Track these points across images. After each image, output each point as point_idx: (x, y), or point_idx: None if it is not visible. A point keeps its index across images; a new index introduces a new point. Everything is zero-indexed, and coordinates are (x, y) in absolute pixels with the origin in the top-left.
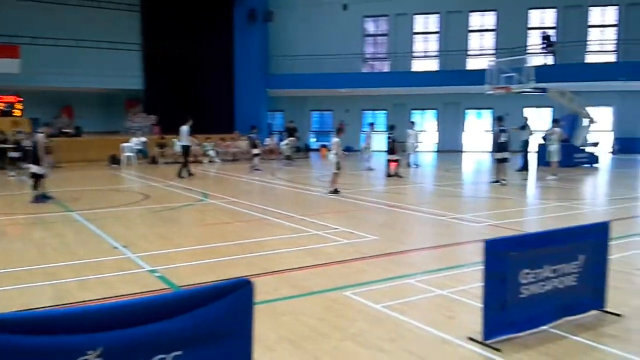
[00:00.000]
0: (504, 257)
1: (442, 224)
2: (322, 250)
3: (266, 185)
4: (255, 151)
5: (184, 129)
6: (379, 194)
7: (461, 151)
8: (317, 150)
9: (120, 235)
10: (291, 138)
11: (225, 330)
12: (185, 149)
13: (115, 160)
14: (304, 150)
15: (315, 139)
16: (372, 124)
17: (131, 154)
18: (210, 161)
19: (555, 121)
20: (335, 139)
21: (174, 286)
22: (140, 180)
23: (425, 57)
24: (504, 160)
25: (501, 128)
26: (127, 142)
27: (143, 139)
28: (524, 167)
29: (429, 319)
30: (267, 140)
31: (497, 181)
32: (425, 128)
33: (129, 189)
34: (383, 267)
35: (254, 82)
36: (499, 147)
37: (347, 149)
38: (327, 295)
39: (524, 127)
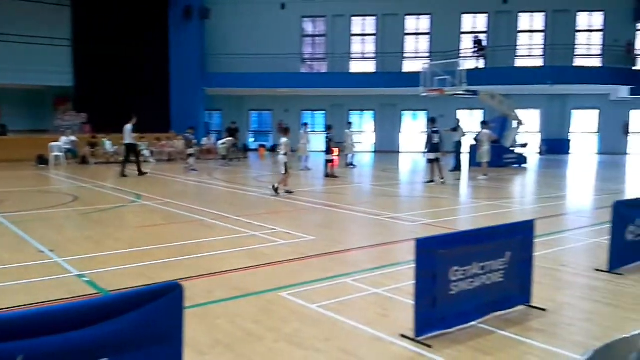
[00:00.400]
0: (434, 255)
1: (378, 223)
2: (259, 251)
3: (202, 186)
4: (190, 151)
5: (128, 127)
6: (317, 194)
7: (398, 152)
8: (255, 150)
9: (46, 239)
10: (229, 138)
11: (154, 336)
12: (130, 148)
13: (42, 160)
14: (242, 150)
15: (253, 139)
16: (306, 124)
17: (60, 154)
18: (144, 161)
19: (484, 123)
20: (284, 139)
21: (103, 291)
22: (69, 181)
23: (362, 59)
24: (437, 160)
25: (434, 129)
26: (56, 141)
27: (73, 138)
28: (457, 168)
29: (363, 318)
30: (205, 140)
31: (431, 181)
32: (363, 129)
33: (58, 190)
34: (320, 267)
35: (191, 80)
36: (431, 147)
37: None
38: (263, 297)
39: (456, 128)
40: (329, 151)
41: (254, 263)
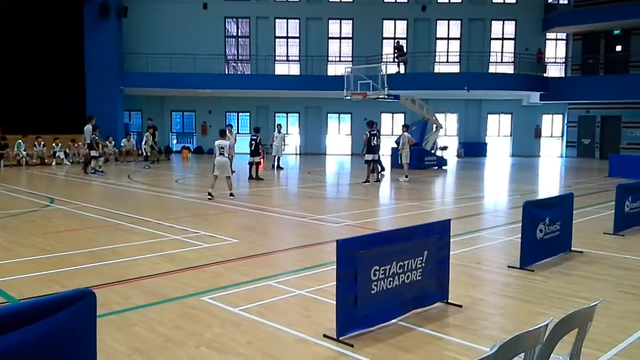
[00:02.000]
0: (355, 256)
1: (303, 225)
2: (180, 255)
3: (122, 189)
4: (93, 153)
5: (88, 127)
6: (242, 196)
7: (324, 154)
8: (178, 152)
9: None
10: (146, 133)
11: (65, 346)
12: (91, 147)
13: None
14: (163, 152)
15: (176, 141)
16: (230, 126)
17: None
18: (58, 163)
19: (405, 127)
20: (224, 142)
21: (13, 299)
22: None
23: (287, 61)
24: (374, 161)
25: (372, 132)
26: None
27: None
28: (381, 169)
29: (286, 320)
30: (124, 142)
31: (367, 181)
32: (289, 131)
33: None
34: (242, 271)
35: (108, 80)
36: (370, 149)
37: (211, 151)
38: (184, 302)
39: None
40: (255, 153)
41: (174, 268)
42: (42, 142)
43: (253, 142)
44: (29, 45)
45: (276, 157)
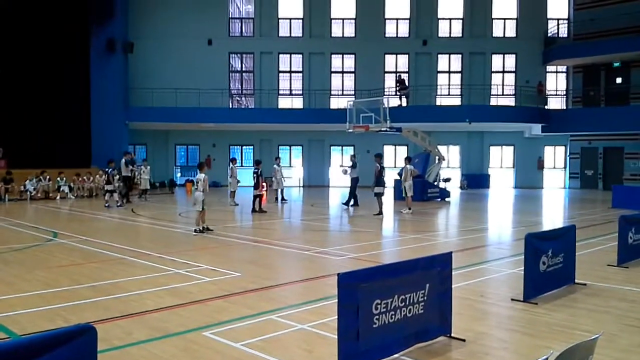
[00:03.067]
0: (356, 289)
1: (306, 258)
2: (183, 289)
3: (124, 223)
4: (109, 187)
5: (123, 161)
6: (244, 229)
7: (327, 186)
8: (182, 185)
9: None
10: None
11: None
12: (125, 180)
13: None
14: (168, 185)
15: (180, 174)
16: (233, 159)
17: None
18: (62, 197)
19: (407, 159)
20: (201, 175)
21: (14, 335)
22: None
23: (290, 95)
24: (383, 194)
25: (382, 165)
26: None
27: None
28: (355, 203)
29: (288, 355)
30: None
31: (380, 213)
32: (292, 163)
33: None
34: (245, 304)
35: (113, 114)
36: (381, 182)
37: (215, 184)
38: (186, 337)
39: (355, 165)
40: (257, 186)
41: (176, 302)
42: (48, 177)
43: (255, 175)
44: (35, 79)
45: (279, 190)
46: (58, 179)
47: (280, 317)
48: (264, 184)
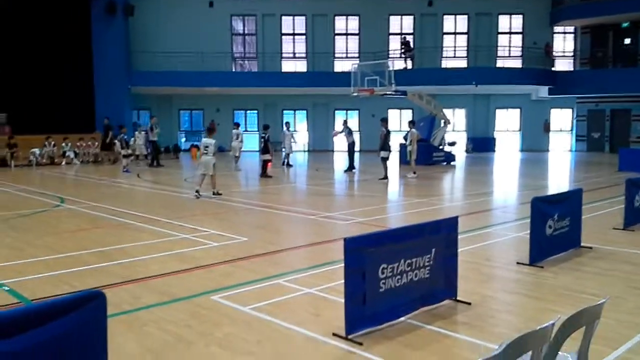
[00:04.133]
0: (363, 254)
1: (313, 223)
2: (190, 255)
3: (131, 188)
4: (124, 152)
5: (150, 126)
6: (251, 194)
7: (332, 150)
8: (187, 150)
9: None
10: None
11: (77, 346)
12: (154, 144)
13: None
14: (173, 150)
15: (185, 139)
16: (237, 124)
17: None
18: (67, 163)
19: (412, 123)
20: (210, 139)
21: (26, 300)
22: None
23: (294, 58)
24: (388, 158)
25: (388, 129)
26: None
27: None
28: (350, 168)
29: (296, 319)
30: (132, 140)
31: (385, 177)
32: (297, 128)
33: None
34: (252, 269)
35: (116, 79)
36: (387, 146)
37: (220, 149)
38: (194, 301)
39: (349, 130)
40: (265, 151)
41: (184, 267)
42: (53, 142)
43: (262, 139)
44: (36, 45)
45: (286, 154)
46: (63, 144)
47: (287, 282)
48: (271, 149)
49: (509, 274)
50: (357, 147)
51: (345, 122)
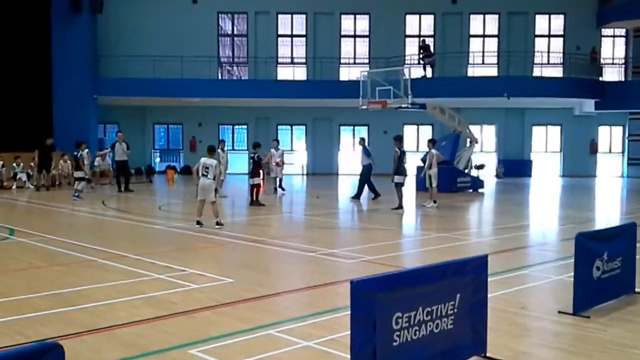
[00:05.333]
0: (373, 299)
1: (311, 261)
2: (164, 299)
3: (95, 218)
4: (79, 174)
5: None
6: (238, 226)
7: (336, 174)
8: (162, 172)
9: None
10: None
11: None
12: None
13: None
14: (145, 172)
15: (159, 159)
16: (222, 142)
17: None
18: (19, 187)
19: (432, 142)
20: (212, 160)
21: None
22: None
23: (291, 64)
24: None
25: (403, 149)
26: None
27: None
28: (375, 193)
29: None
30: (98, 160)
31: (400, 207)
32: (294, 147)
33: None
34: (239, 317)
35: (79, 87)
36: (402, 170)
37: None
38: (169, 355)
39: (366, 151)
40: (255, 174)
41: (157, 314)
42: (2, 162)
43: (252, 160)
44: None
45: (277, 179)
46: (14, 164)
47: (281, 332)
48: (262, 171)
49: (548, 326)
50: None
51: (362, 140)
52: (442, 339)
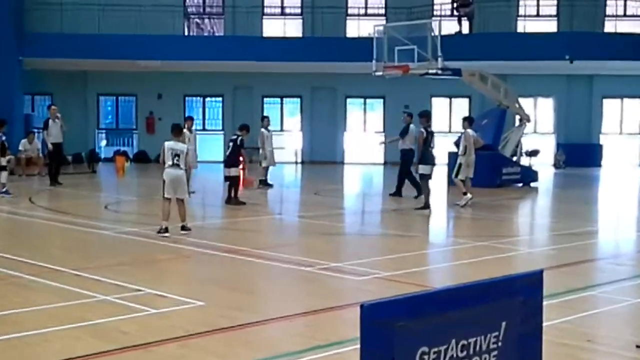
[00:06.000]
0: (390, 329)
1: (308, 278)
2: (113, 327)
3: (19, 220)
4: (1, 161)
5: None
6: (211, 231)
7: (341, 162)
8: (110, 160)
9: None
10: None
11: None
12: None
13: None
14: (87, 159)
15: (106, 142)
16: (189, 119)
17: None
18: None
19: (468, 120)
20: (178, 145)
21: None
22: None
23: (282, 16)
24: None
25: (430, 129)
26: None
27: None
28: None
29: None
30: (23, 143)
31: (426, 206)
32: (285, 126)
33: None
34: (213, 352)
35: None
36: (427, 157)
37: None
38: None
39: (407, 129)
40: (232, 163)
41: (103, 347)
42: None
43: (231, 144)
44: None
45: (267, 169)
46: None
47: None
48: (244, 159)
49: None
50: (383, 159)
51: (410, 115)
52: None
